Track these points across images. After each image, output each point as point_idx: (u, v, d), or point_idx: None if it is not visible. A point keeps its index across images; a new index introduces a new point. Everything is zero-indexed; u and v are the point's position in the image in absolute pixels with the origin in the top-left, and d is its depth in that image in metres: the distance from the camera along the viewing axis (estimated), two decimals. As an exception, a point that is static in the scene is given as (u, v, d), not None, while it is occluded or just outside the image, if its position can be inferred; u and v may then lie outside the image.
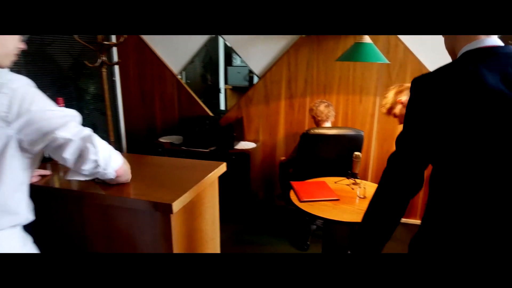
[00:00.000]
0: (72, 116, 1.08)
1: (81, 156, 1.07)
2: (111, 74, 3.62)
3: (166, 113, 3.69)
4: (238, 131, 3.36)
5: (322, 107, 2.75)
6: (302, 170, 2.66)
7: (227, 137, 3.21)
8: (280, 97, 3.35)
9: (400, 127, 1.08)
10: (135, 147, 3.84)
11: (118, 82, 3.70)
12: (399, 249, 1.99)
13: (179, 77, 3.59)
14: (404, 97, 2.01)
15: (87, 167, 1.09)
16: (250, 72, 4.30)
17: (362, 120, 3.20)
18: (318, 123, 2.76)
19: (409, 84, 1.17)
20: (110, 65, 3.45)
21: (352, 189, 2.23)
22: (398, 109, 2.04)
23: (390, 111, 2.08)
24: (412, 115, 0.94)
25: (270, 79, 3.33)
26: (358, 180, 2.39)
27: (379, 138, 3.19)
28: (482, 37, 0.89)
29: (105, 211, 1.38)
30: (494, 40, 0.89)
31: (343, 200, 2.06)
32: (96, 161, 1.09)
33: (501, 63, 0.84)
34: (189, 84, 4.33)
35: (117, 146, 3.73)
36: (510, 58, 0.85)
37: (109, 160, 1.16)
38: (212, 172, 1.59)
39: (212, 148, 3.30)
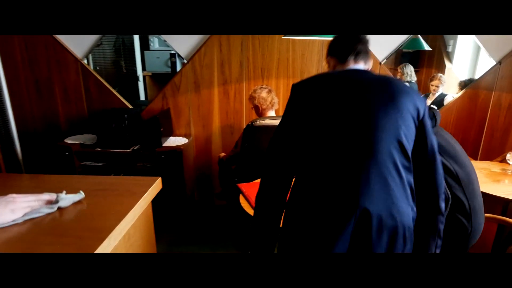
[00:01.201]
0: None
1: None
2: (-12, 59, 2.78)
3: (71, 107, 2.99)
4: (165, 125, 2.85)
5: (264, 94, 2.40)
6: (248, 167, 2.30)
7: (153, 133, 2.69)
8: (213, 84, 2.91)
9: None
10: (32, 152, 3.06)
11: (0, 70, 2.86)
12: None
13: (84, 61, 2.91)
14: None
15: None
16: (172, 56, 3.75)
17: (304, 106, 2.93)
18: (261, 113, 2.41)
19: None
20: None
21: None
22: None
23: None
24: (290, 116, 1.11)
25: (199, 63, 2.86)
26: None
27: (322, 125, 2.97)
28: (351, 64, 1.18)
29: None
30: (356, 66, 1.18)
31: None
32: None
33: (341, 86, 1.07)
34: (99, 72, 3.64)
35: (8, 152, 2.93)
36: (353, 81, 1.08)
37: None
38: (144, 196, 1.14)
39: (135, 148, 2.75)
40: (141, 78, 4.37)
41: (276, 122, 2.19)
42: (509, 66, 2.77)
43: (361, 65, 1.19)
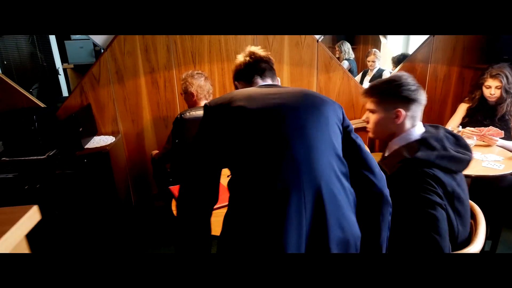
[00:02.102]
0: None
1: None
2: None
3: (-33, 111, 2.51)
4: (86, 123, 2.49)
5: (202, 81, 2.15)
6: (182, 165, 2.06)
7: (70, 134, 2.33)
8: (138, 73, 2.59)
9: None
10: None
11: None
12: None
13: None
14: None
15: None
16: (96, 45, 3.32)
17: (242, 91, 2.72)
18: (195, 102, 2.15)
19: None
20: None
21: None
22: None
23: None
24: (208, 139, 1.01)
25: (119, 49, 2.52)
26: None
27: (263, 110, 2.79)
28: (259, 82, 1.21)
29: None
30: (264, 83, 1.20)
31: None
32: None
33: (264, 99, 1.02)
34: (8, 66, 3.13)
35: None
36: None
37: None
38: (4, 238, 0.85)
39: (51, 153, 2.37)
40: (61, 71, 3.88)
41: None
42: (442, 38, 2.76)
43: (268, 82, 1.21)
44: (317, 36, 2.69)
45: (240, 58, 1.23)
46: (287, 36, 2.64)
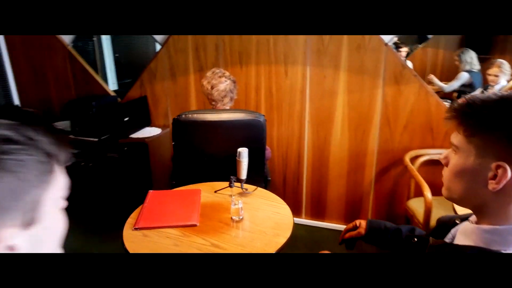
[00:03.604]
0: None
1: None
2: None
3: (61, 92, 3.00)
4: (137, 114, 2.66)
5: (208, 83, 2.00)
6: (183, 169, 1.96)
7: (116, 122, 2.52)
8: (188, 70, 2.61)
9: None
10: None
11: (5, 53, 3.01)
12: None
13: (69, 46, 2.86)
14: None
15: None
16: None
17: (291, 98, 2.43)
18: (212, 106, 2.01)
19: None
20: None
21: (234, 204, 1.52)
22: None
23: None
24: None
25: (174, 46, 2.58)
26: (248, 187, 1.69)
27: (313, 121, 2.43)
28: None
29: None
30: None
31: (209, 223, 1.37)
32: None
33: None
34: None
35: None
36: None
37: None
38: None
39: (103, 137, 2.62)
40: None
41: (210, 116, 1.80)
42: None
43: None
44: (386, 38, 2.16)
45: None
46: (346, 37, 2.21)
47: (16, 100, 3.13)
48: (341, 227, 2.56)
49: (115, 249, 2.15)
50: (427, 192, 1.74)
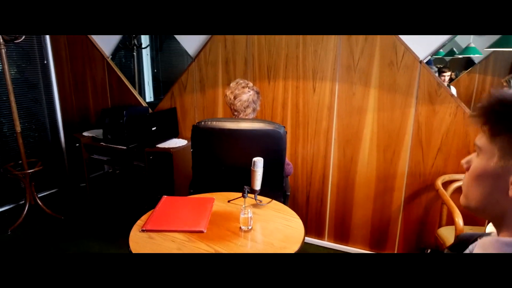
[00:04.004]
0: None
1: None
2: (41, 56, 3.15)
3: (98, 101, 3.15)
4: (165, 125, 2.71)
5: (232, 93, 2.00)
6: (201, 178, 1.94)
7: (143, 131, 2.58)
8: (217, 83, 2.63)
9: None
10: (67, 141, 3.34)
11: (51, 65, 3.22)
12: None
13: (109, 58, 3.01)
14: None
15: None
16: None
17: (318, 114, 2.37)
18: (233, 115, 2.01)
19: None
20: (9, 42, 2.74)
21: (244, 213, 1.47)
22: None
23: None
24: None
25: (204, 60, 2.63)
26: (263, 199, 1.64)
27: (340, 139, 2.35)
28: None
29: None
30: None
31: (217, 230, 1.33)
32: None
33: None
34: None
35: (53, 139, 3.27)
36: None
37: None
38: None
39: (131, 146, 2.68)
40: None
41: (229, 124, 1.79)
42: None
43: None
44: (420, 55, 2.07)
45: None
46: (378, 53, 2.13)
47: (58, 107, 3.32)
48: (366, 252, 2.40)
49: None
50: (459, 219, 1.58)
